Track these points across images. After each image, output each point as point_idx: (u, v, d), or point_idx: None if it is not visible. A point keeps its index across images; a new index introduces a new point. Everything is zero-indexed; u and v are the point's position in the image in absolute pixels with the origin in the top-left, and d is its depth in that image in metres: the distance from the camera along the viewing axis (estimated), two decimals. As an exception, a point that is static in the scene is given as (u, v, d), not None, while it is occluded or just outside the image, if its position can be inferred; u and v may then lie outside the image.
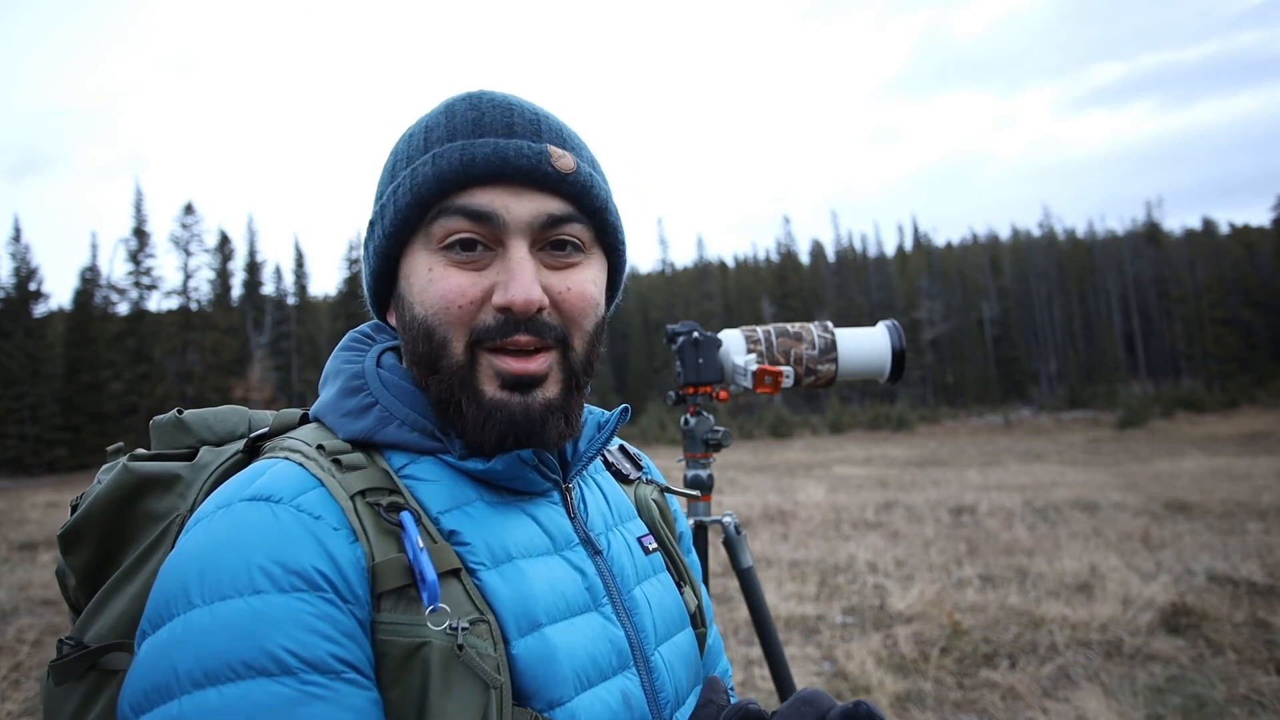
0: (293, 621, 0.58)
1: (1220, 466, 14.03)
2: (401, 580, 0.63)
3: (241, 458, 0.77)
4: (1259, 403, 42.57)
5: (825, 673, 4.02)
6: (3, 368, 38.35)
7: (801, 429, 39.63)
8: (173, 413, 0.84)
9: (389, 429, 0.73)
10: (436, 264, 0.72)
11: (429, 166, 0.71)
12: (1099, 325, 60.31)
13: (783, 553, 6.93)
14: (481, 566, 0.68)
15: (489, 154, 0.71)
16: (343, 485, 0.67)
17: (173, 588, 0.60)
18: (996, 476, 13.78)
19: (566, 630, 0.70)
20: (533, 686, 0.65)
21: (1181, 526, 7.54)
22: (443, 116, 0.75)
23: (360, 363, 0.78)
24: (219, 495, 0.67)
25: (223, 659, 0.56)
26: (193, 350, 44.51)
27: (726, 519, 1.88)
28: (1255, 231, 65.42)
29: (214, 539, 0.62)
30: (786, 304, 58.28)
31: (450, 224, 0.71)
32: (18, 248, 42.23)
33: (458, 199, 0.71)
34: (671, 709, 0.76)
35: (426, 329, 0.72)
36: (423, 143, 0.74)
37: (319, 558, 0.61)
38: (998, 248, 72.26)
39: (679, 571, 0.90)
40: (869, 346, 1.77)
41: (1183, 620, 4.42)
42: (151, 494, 0.76)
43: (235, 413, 0.85)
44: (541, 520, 0.75)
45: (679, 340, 1.81)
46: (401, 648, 0.61)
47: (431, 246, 0.72)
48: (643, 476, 0.97)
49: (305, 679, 0.56)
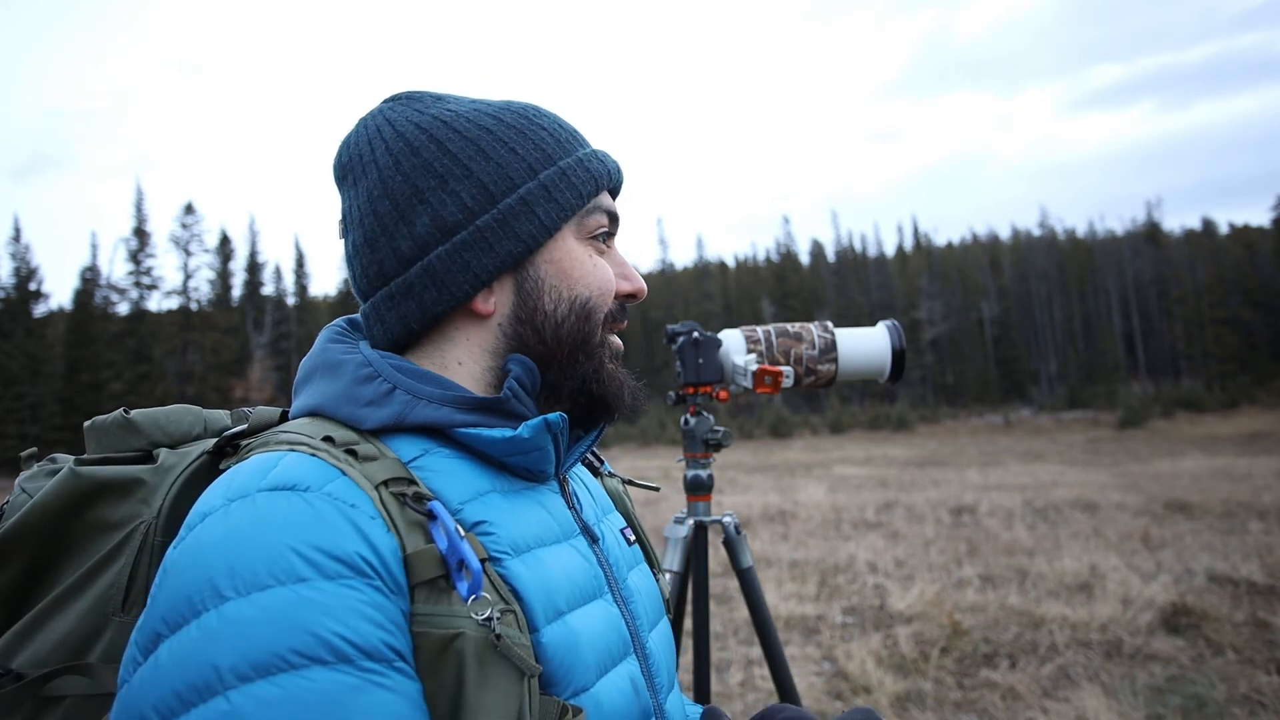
0: (344, 608, 0.56)
1: (1220, 466, 14.03)
2: (435, 571, 0.62)
3: (208, 459, 0.73)
4: (1259, 403, 42.57)
5: (825, 673, 4.02)
6: (3, 368, 38.36)
7: (801, 429, 39.63)
8: (118, 412, 0.78)
9: (418, 410, 0.71)
10: (593, 252, 0.81)
11: (600, 164, 0.80)
12: (1099, 325, 60.32)
13: (783, 553, 6.93)
14: (505, 555, 0.68)
15: (619, 165, 0.84)
16: (365, 475, 0.64)
17: (194, 583, 0.56)
18: (996, 476, 13.78)
19: (583, 617, 0.71)
20: (559, 674, 0.66)
21: (1181, 526, 7.53)
22: (551, 121, 0.81)
23: (360, 353, 0.76)
24: (223, 489, 0.62)
25: (271, 650, 0.53)
26: (193, 350, 44.53)
27: (726, 519, 1.88)
28: (1255, 231, 65.43)
29: (237, 529, 0.58)
30: (786, 304, 58.29)
31: (601, 219, 0.81)
32: (18, 247, 42.23)
33: (602, 199, 0.81)
34: (665, 693, 0.79)
35: (589, 309, 0.79)
36: (555, 141, 0.79)
37: (361, 544, 0.59)
38: (998, 248, 72.25)
39: (651, 560, 0.94)
40: (869, 346, 1.77)
41: (1183, 620, 4.42)
42: (106, 501, 0.71)
43: (189, 412, 0.81)
44: (550, 509, 0.77)
45: (679, 340, 1.81)
46: (436, 640, 0.60)
47: (582, 235, 0.80)
48: (605, 470, 1.01)
49: (363, 666, 0.55)
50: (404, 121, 0.77)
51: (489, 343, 0.78)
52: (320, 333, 0.82)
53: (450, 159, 0.75)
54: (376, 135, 0.78)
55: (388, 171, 0.76)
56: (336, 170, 0.81)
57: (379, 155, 0.77)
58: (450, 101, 0.80)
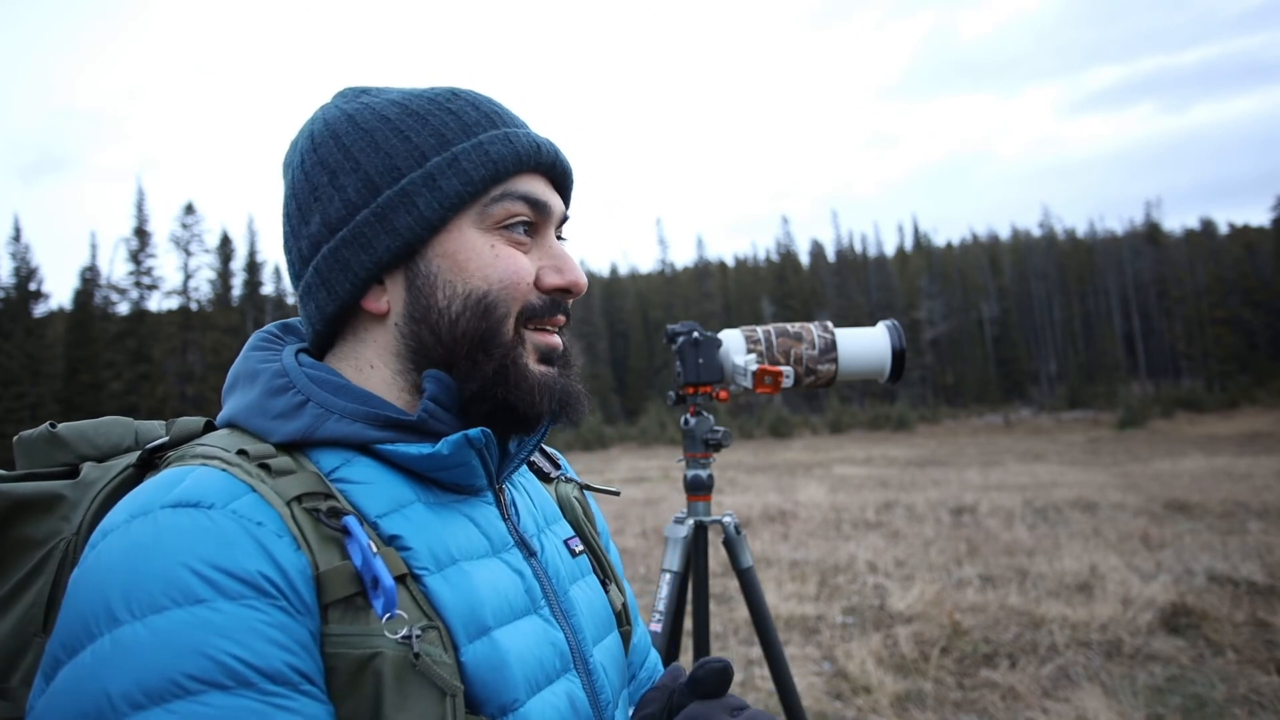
0: (244, 630, 0.53)
1: (1220, 466, 14.02)
2: (349, 589, 0.60)
3: (133, 473, 0.71)
4: (1259, 403, 42.54)
5: (825, 673, 4.02)
6: (3, 368, 38.33)
7: (801, 429, 39.62)
8: (44, 426, 0.75)
9: (328, 425, 0.69)
10: (498, 242, 0.73)
11: (503, 146, 0.73)
12: (1099, 325, 60.32)
13: (783, 553, 6.93)
14: (426, 571, 0.65)
15: (545, 145, 0.76)
16: (276, 491, 0.62)
17: (89, 605, 0.54)
18: (996, 476, 13.77)
19: (512, 634, 0.68)
20: (485, 694, 0.63)
21: (1181, 526, 7.53)
22: (464, 103, 0.75)
23: (279, 360, 0.73)
24: (128, 506, 0.60)
25: (165, 676, 0.50)
26: (193, 350, 44.54)
27: (726, 519, 1.88)
28: (1255, 231, 65.45)
29: (136, 548, 0.55)
30: (786, 304, 58.29)
31: (512, 207, 0.73)
32: (18, 247, 42.23)
33: (516, 184, 0.74)
34: (610, 709, 0.76)
35: (488, 304, 0.72)
36: (460, 124, 0.73)
37: (265, 563, 0.56)
38: (998, 248, 72.26)
39: (604, 571, 0.89)
40: (869, 346, 1.77)
41: (1183, 620, 4.42)
42: (27, 518, 0.68)
43: (119, 424, 0.77)
44: (479, 522, 0.74)
45: (679, 340, 1.82)
46: (352, 660, 0.58)
47: (486, 225, 0.73)
48: (562, 475, 0.96)
49: (265, 690, 0.52)
50: (320, 119, 0.76)
51: (391, 344, 0.74)
52: (249, 338, 0.80)
53: (343, 153, 0.73)
54: (300, 135, 0.78)
55: (295, 172, 0.76)
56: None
57: (293, 156, 0.77)
58: (372, 93, 0.77)
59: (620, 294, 67.49)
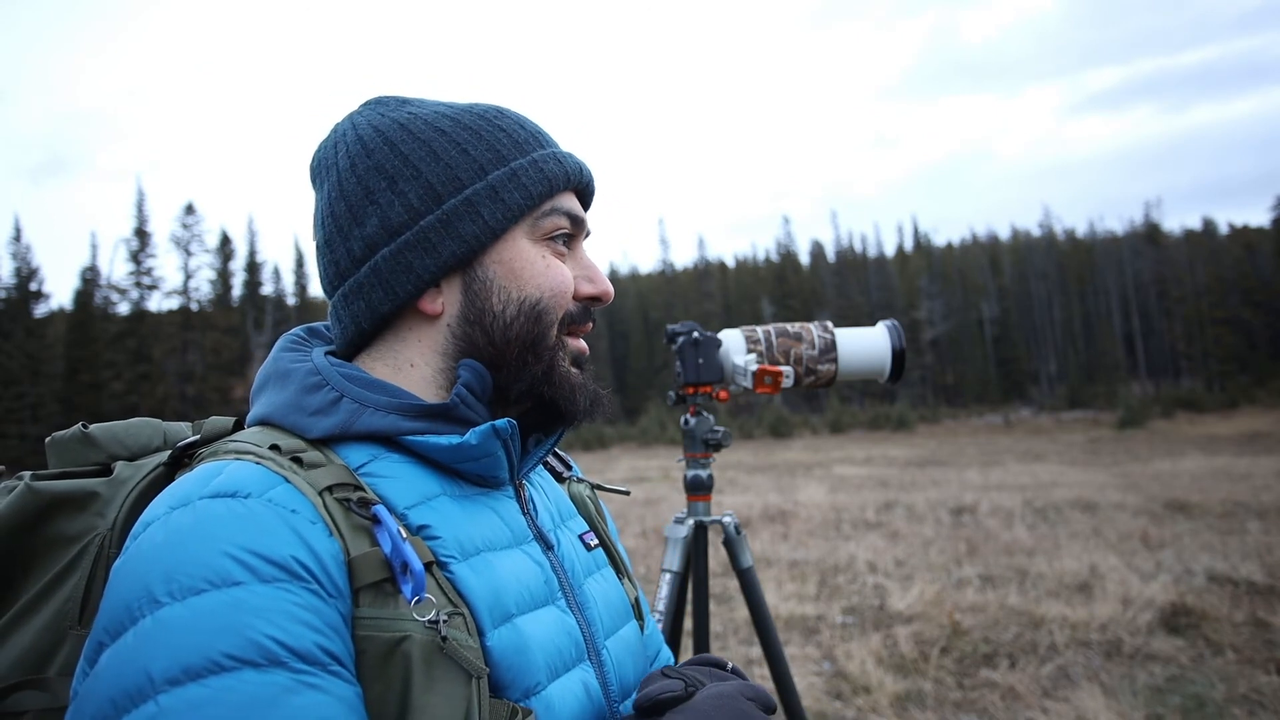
0: (277, 611, 0.56)
1: (1220, 466, 14.02)
2: (379, 574, 0.62)
3: (164, 471, 0.73)
4: (1259, 403, 42.55)
5: (825, 673, 4.02)
6: (3, 368, 38.33)
7: (801, 429, 39.61)
8: (77, 427, 0.78)
9: (363, 418, 0.72)
10: (547, 253, 0.79)
11: (555, 165, 0.79)
12: (1099, 325, 60.32)
13: (783, 553, 6.93)
14: (452, 559, 0.68)
15: (585, 167, 0.84)
16: (308, 482, 0.65)
17: (132, 590, 0.57)
18: (996, 476, 13.77)
19: (533, 622, 0.71)
20: (508, 677, 0.66)
21: (1181, 526, 7.53)
22: (511, 122, 0.81)
23: (310, 360, 0.77)
24: (168, 498, 0.63)
25: (203, 654, 0.53)
26: (193, 350, 44.54)
27: (726, 519, 1.88)
28: (1254, 232, 65.44)
29: (176, 535, 0.58)
30: (786, 304, 58.27)
31: (558, 221, 0.80)
32: (19, 247, 42.24)
33: (561, 200, 0.80)
34: (619, 701, 0.78)
35: (540, 310, 0.78)
36: (512, 141, 0.79)
37: (299, 548, 0.60)
38: (998, 248, 72.26)
39: (617, 565, 0.93)
40: (869, 346, 1.77)
41: (1183, 620, 4.42)
42: (62, 515, 0.70)
43: (148, 425, 0.81)
44: (502, 514, 0.77)
45: (679, 340, 1.82)
46: (382, 643, 0.60)
47: (536, 237, 0.79)
48: (574, 475, 1.01)
49: (295, 668, 0.55)
50: (365, 125, 0.79)
51: (439, 344, 0.78)
52: (277, 341, 0.83)
53: (401, 160, 0.76)
54: (341, 139, 0.80)
55: (345, 174, 0.78)
56: (309, 173, 0.84)
57: (339, 158, 0.79)
58: (415, 105, 0.81)
59: (620, 294, 67.31)
